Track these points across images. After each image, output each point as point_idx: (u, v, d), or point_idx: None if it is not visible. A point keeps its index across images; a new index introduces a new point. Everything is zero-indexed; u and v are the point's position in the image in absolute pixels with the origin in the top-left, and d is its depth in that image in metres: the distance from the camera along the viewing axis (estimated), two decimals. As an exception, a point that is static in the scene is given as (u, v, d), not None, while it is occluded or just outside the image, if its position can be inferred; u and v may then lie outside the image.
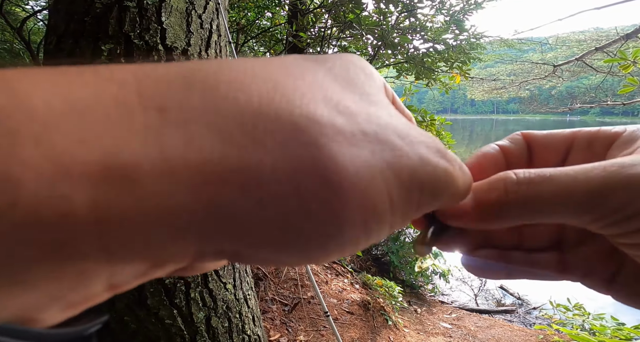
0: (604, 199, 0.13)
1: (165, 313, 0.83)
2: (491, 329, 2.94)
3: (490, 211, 0.15)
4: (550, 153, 0.19)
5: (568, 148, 0.19)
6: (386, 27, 2.85)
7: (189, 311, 0.85)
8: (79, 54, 0.70)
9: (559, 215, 0.14)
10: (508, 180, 0.15)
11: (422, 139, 0.12)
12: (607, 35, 6.98)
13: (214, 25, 0.87)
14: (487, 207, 0.15)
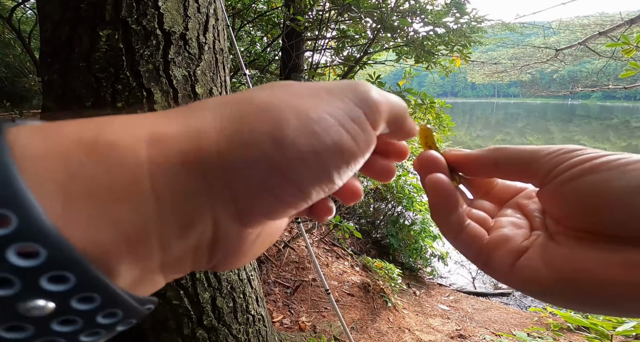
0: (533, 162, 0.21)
1: (172, 294, 0.86)
2: (487, 311, 3.03)
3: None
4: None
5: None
6: (385, 9, 2.79)
7: (194, 291, 0.88)
8: (76, 40, 0.69)
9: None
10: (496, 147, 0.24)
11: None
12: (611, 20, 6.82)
13: (211, 9, 0.86)
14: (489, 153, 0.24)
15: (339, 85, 0.18)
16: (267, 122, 0.15)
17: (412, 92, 3.01)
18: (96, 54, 0.69)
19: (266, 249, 0.22)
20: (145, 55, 0.72)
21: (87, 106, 0.70)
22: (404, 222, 3.62)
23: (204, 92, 0.82)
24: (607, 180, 0.17)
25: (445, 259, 3.57)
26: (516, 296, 3.78)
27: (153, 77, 0.73)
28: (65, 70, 0.70)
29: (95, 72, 0.69)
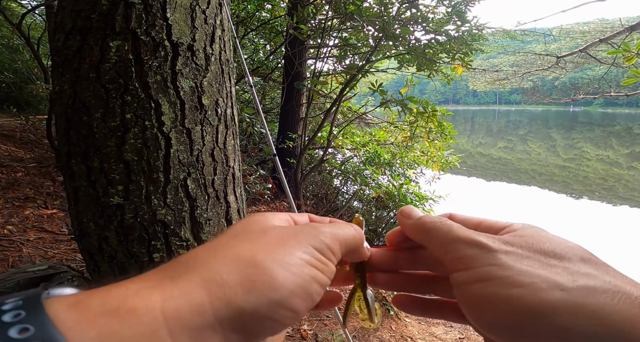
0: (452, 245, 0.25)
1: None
2: (491, 318, 2.99)
3: (420, 226, 0.27)
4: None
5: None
6: (387, 18, 2.83)
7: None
8: (87, 50, 0.71)
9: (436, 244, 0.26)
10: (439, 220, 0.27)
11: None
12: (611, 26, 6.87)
13: (218, 20, 0.88)
14: (420, 223, 0.27)
15: (301, 234, 0.24)
16: (263, 282, 0.20)
17: (414, 100, 3.03)
18: (106, 65, 0.70)
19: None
20: (154, 67, 0.73)
21: (97, 117, 0.71)
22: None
23: (210, 103, 0.83)
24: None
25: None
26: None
27: (161, 88, 0.74)
28: (76, 80, 0.71)
29: (105, 83, 0.70)
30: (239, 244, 0.23)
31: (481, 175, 11.76)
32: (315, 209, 3.71)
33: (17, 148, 3.77)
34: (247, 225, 0.26)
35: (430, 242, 0.26)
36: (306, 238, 0.24)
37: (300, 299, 0.21)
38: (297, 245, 0.23)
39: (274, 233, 0.24)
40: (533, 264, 0.22)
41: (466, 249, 0.24)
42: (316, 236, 0.25)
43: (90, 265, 0.92)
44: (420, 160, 3.86)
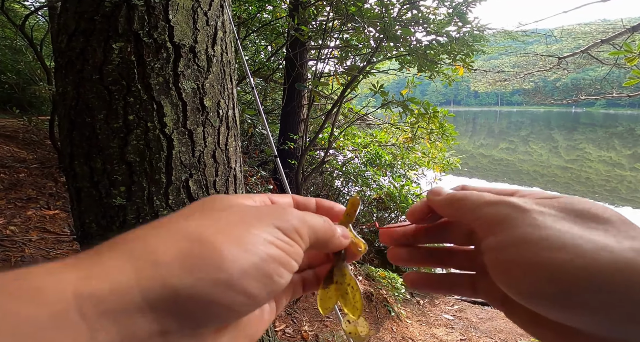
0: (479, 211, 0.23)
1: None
2: (493, 320, 2.98)
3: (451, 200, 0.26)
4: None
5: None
6: (388, 19, 2.83)
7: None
8: (90, 52, 0.71)
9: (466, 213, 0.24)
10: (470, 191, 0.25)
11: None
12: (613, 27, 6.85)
13: (219, 22, 0.88)
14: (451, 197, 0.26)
15: (265, 213, 0.22)
16: (208, 260, 0.18)
17: (415, 101, 3.03)
18: (109, 66, 0.71)
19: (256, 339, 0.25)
20: (156, 68, 0.74)
21: (100, 119, 0.72)
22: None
23: (212, 104, 0.83)
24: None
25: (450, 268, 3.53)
26: (522, 306, 3.72)
27: (163, 90, 0.74)
28: (79, 81, 0.72)
29: (108, 85, 0.71)
30: (190, 220, 0.20)
31: (483, 176, 11.75)
32: (316, 210, 3.70)
33: (19, 149, 3.79)
34: (207, 203, 0.23)
35: (460, 211, 0.24)
36: (271, 218, 0.22)
37: (255, 282, 0.18)
38: (259, 224, 0.21)
39: (236, 211, 0.22)
40: (571, 225, 0.19)
41: (497, 211, 0.21)
42: (282, 215, 0.22)
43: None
44: (422, 162, 3.86)
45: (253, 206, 0.24)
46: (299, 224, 0.22)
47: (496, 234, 0.21)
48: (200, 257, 0.18)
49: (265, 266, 0.19)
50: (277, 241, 0.21)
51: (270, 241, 0.20)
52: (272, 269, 0.20)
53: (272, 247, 0.20)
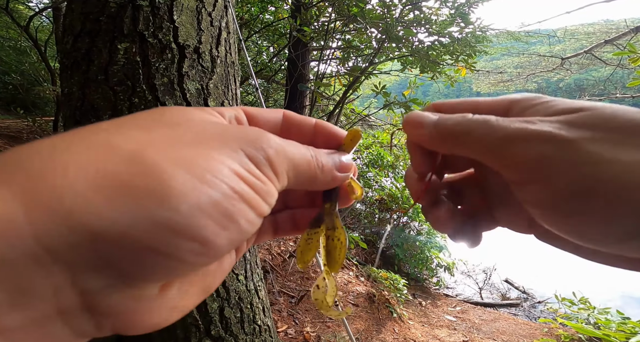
0: (507, 145, 0.17)
1: (181, 303, 0.86)
2: (495, 322, 2.96)
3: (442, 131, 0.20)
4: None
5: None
6: (390, 20, 2.83)
7: (203, 302, 0.88)
8: (95, 53, 0.72)
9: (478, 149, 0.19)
10: (465, 116, 0.20)
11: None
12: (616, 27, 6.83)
13: (223, 23, 0.89)
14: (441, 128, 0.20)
15: (233, 134, 0.16)
16: (145, 188, 0.12)
17: (417, 102, 3.02)
18: (114, 67, 0.71)
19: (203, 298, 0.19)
20: (161, 69, 0.74)
21: (105, 119, 0.72)
22: (409, 233, 3.59)
23: (216, 105, 0.83)
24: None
25: (452, 269, 3.52)
26: (525, 306, 3.70)
27: (168, 91, 0.75)
28: (84, 82, 0.72)
29: (113, 85, 0.71)
30: (123, 132, 0.14)
31: (485, 177, 11.66)
32: (318, 211, 3.70)
33: (23, 149, 3.80)
34: (153, 113, 0.16)
35: (469, 149, 0.19)
36: (239, 141, 0.16)
37: (213, 224, 0.13)
38: (222, 147, 0.15)
39: (194, 126, 0.16)
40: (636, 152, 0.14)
41: (532, 150, 0.16)
42: (255, 141, 0.16)
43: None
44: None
45: (218, 123, 0.17)
46: (275, 156, 0.17)
47: (541, 182, 0.16)
48: (133, 185, 0.12)
49: (229, 204, 0.14)
50: (245, 174, 0.15)
51: (236, 172, 0.15)
52: (237, 210, 0.14)
53: (238, 181, 0.15)
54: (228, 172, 0.14)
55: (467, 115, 0.19)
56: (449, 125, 0.19)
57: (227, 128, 0.17)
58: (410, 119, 0.21)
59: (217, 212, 0.14)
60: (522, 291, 4.04)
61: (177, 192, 0.13)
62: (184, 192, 0.13)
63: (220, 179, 0.14)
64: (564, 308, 2.85)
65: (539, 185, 0.16)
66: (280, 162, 0.17)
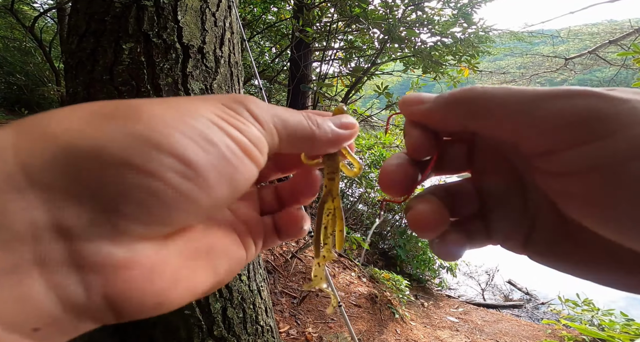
0: (546, 102, 0.14)
1: (184, 303, 0.87)
2: (498, 323, 2.95)
3: (445, 103, 0.18)
4: None
5: None
6: (393, 21, 2.83)
7: (206, 302, 0.88)
8: (100, 53, 0.72)
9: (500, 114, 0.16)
10: (472, 87, 0.17)
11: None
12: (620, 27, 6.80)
13: (227, 23, 0.89)
14: (443, 100, 0.18)
15: (218, 96, 0.17)
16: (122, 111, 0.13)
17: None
18: (119, 67, 0.71)
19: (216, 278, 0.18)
20: (165, 69, 0.74)
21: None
22: (411, 234, 3.59)
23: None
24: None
25: (454, 270, 3.51)
26: (528, 308, 3.68)
27: (172, 91, 0.75)
28: (89, 82, 0.73)
29: (118, 85, 0.71)
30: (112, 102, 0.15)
31: (487, 178, 11.62)
32: (320, 211, 3.70)
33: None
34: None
35: (483, 116, 0.16)
36: (222, 100, 0.17)
37: (193, 142, 0.13)
38: (204, 102, 0.16)
39: (175, 99, 0.16)
40: None
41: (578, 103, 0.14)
42: (238, 98, 0.17)
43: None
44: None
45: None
46: (257, 109, 0.17)
47: (591, 142, 0.13)
48: (118, 115, 0.13)
49: (208, 130, 0.14)
50: (224, 115, 0.15)
51: (215, 114, 0.15)
52: (217, 137, 0.14)
53: (218, 118, 0.15)
54: (207, 113, 0.15)
55: (479, 86, 0.17)
56: (457, 94, 0.17)
57: (215, 95, 0.17)
58: (408, 97, 0.20)
59: (196, 135, 0.14)
60: (525, 292, 4.02)
61: (157, 116, 0.13)
62: (164, 119, 0.13)
63: (198, 117, 0.15)
64: (568, 309, 2.84)
65: (591, 146, 0.13)
66: (264, 114, 0.17)
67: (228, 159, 0.15)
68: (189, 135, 0.13)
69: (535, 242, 0.19)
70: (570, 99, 0.14)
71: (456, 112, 0.18)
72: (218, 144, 0.14)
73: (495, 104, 0.16)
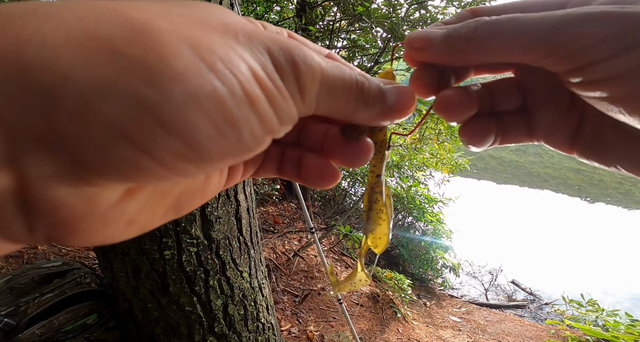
0: (558, 31, 0.14)
1: (186, 300, 0.87)
2: (501, 323, 2.94)
3: (458, 43, 0.16)
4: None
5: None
6: (396, 19, 2.82)
7: (207, 298, 0.89)
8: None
9: (517, 48, 0.15)
10: (480, 20, 0.16)
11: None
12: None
13: (229, 21, 0.89)
14: (456, 41, 0.17)
15: (266, 36, 0.13)
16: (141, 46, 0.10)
17: (423, 102, 3.01)
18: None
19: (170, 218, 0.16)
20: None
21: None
22: (414, 233, 3.58)
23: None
24: None
25: (457, 270, 3.50)
26: (531, 308, 3.66)
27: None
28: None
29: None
30: (142, 3, 0.12)
31: (492, 178, 11.60)
32: (322, 211, 3.71)
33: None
34: (187, 2, 0.14)
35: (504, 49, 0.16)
36: (271, 44, 0.13)
37: (210, 123, 0.11)
38: (248, 42, 0.12)
39: (226, 17, 0.13)
40: None
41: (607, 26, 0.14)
42: (290, 50, 0.13)
43: (103, 262, 0.94)
44: (430, 163, 3.83)
45: (255, 26, 0.14)
46: (307, 74, 0.13)
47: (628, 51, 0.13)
48: (123, 52, 0.10)
49: (234, 106, 0.11)
50: (265, 78, 0.12)
51: (255, 72, 0.12)
52: (243, 117, 0.11)
53: (254, 82, 0.12)
54: (245, 69, 0.12)
55: (484, 18, 0.16)
56: (469, 33, 0.16)
57: (262, 30, 0.14)
58: (413, 38, 0.17)
59: (217, 112, 0.11)
60: (529, 292, 4.00)
61: (175, 73, 0.10)
62: (184, 74, 0.10)
63: (234, 73, 0.11)
64: (572, 310, 2.82)
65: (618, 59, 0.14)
66: (312, 83, 0.14)
67: (245, 146, 0.12)
68: (209, 110, 0.10)
69: (583, 135, 0.18)
70: (599, 21, 0.14)
71: (469, 51, 0.16)
72: (241, 128, 0.12)
73: (511, 38, 0.15)
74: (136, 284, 0.87)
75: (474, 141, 0.19)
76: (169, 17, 0.11)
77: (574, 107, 0.18)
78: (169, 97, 0.10)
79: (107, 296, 1.02)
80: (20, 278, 0.99)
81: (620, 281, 4.02)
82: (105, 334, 0.99)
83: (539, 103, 0.19)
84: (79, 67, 0.09)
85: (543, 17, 0.15)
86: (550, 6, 0.17)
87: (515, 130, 0.20)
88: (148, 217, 0.14)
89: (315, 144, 0.19)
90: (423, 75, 0.19)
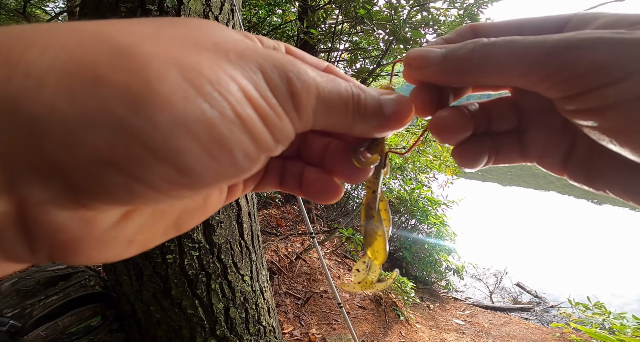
0: (554, 58, 0.14)
1: (188, 303, 0.88)
2: (506, 326, 2.91)
3: (456, 64, 0.17)
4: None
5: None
6: (398, 21, 2.82)
7: (209, 302, 0.89)
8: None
9: (513, 73, 0.15)
10: (478, 42, 0.16)
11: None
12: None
13: (230, 26, 0.90)
14: (453, 62, 0.17)
15: (259, 53, 0.13)
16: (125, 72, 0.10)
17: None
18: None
19: (170, 236, 0.16)
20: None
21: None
22: (417, 235, 3.56)
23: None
24: None
25: (461, 272, 3.47)
26: (537, 310, 3.62)
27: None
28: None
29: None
30: (128, 25, 0.12)
31: (496, 179, 11.52)
32: (325, 213, 3.71)
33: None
34: (182, 19, 0.14)
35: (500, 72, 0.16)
36: (263, 62, 0.13)
37: (200, 147, 0.11)
38: (240, 61, 0.12)
39: (218, 36, 0.13)
40: None
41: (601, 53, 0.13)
42: (283, 66, 0.13)
43: (107, 265, 0.95)
44: (433, 165, 3.82)
45: (247, 42, 0.14)
46: (302, 91, 0.13)
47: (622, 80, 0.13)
48: (108, 79, 0.09)
49: (225, 128, 0.11)
50: (257, 98, 0.12)
51: (246, 93, 0.12)
52: (235, 139, 0.11)
53: (246, 103, 0.11)
54: (236, 90, 0.11)
55: (482, 40, 0.16)
56: (466, 54, 0.16)
57: (254, 47, 0.13)
58: (412, 57, 0.18)
59: (207, 136, 0.11)
60: (535, 295, 3.95)
61: (160, 99, 0.10)
62: (169, 99, 0.10)
63: (223, 95, 0.11)
64: (578, 313, 2.78)
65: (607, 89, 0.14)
66: (307, 99, 0.13)
67: (239, 167, 0.12)
68: (198, 134, 0.10)
69: (575, 158, 0.18)
70: (580, 51, 0.14)
71: (465, 73, 0.17)
72: (233, 150, 0.11)
73: (506, 62, 0.15)
74: (139, 287, 0.87)
75: (466, 163, 0.19)
76: (156, 38, 0.11)
77: (566, 130, 0.19)
78: (155, 124, 0.10)
79: (111, 298, 1.03)
80: (25, 281, 1.00)
81: (628, 283, 3.97)
82: (109, 336, 0.99)
83: (533, 124, 0.20)
84: (64, 97, 0.09)
85: (540, 42, 0.15)
86: (550, 24, 0.17)
87: (508, 151, 0.20)
88: (148, 237, 0.14)
89: (316, 157, 0.19)
90: (421, 94, 0.19)
